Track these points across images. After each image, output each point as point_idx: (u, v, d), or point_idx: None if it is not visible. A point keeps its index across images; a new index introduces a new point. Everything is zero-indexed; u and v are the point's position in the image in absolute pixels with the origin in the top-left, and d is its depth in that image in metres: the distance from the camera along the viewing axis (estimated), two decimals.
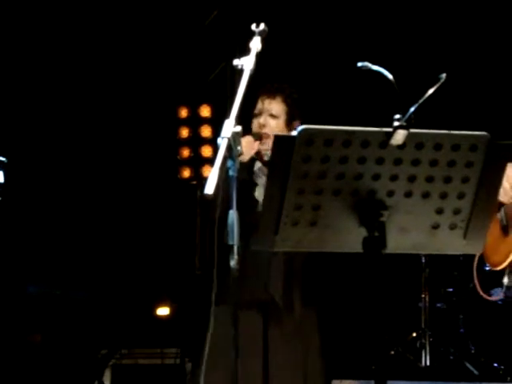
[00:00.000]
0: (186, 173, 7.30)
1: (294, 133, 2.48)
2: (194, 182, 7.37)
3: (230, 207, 2.69)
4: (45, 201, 7.26)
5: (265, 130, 3.69)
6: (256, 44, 2.85)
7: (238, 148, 2.70)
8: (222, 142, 2.66)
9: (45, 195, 7.26)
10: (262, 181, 3.65)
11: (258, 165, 3.71)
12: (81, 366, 6.32)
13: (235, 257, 2.64)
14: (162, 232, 7.36)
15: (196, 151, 7.25)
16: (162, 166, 7.43)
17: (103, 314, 6.62)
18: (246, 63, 2.81)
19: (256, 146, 3.64)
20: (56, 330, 6.42)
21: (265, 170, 3.65)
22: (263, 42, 2.85)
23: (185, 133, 7.30)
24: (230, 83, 7.15)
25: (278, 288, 3.59)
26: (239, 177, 3.36)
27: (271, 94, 3.73)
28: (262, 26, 2.87)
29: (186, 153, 7.29)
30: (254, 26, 2.88)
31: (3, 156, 8.22)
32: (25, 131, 7.38)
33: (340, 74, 5.96)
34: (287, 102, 3.74)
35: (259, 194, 3.63)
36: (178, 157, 7.30)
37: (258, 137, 3.67)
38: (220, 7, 7.17)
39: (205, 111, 7.27)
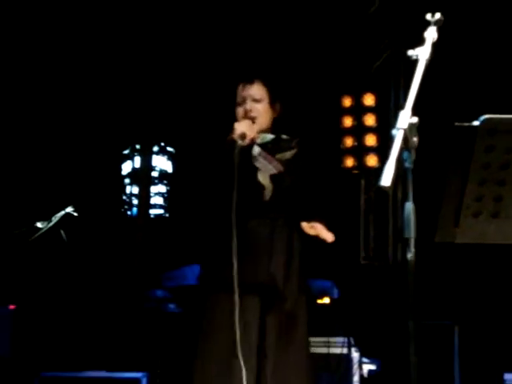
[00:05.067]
0: (350, 162, 7.28)
1: (476, 122, 2.44)
2: (357, 171, 7.36)
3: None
4: None
5: (252, 115, 3.68)
6: (431, 34, 2.81)
7: (415, 139, 2.68)
8: (398, 133, 2.64)
9: None
10: (262, 165, 3.62)
11: (256, 149, 3.64)
12: None
13: (412, 249, 2.61)
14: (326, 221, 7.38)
15: (360, 140, 7.22)
16: (326, 155, 7.45)
17: None
18: (422, 53, 2.78)
19: (255, 129, 3.61)
20: None
21: (264, 153, 3.62)
22: (439, 31, 2.81)
23: (348, 122, 7.28)
24: (394, 72, 7.10)
25: (280, 271, 3.55)
26: (240, 162, 3.40)
27: (249, 80, 3.75)
28: (438, 15, 2.82)
29: (349, 142, 7.27)
30: (429, 16, 2.84)
31: (171, 147, 8.51)
32: (192, 122, 7.61)
33: None
34: (266, 83, 3.75)
35: (263, 178, 3.62)
36: (342, 146, 7.30)
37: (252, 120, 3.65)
38: None
39: (369, 100, 7.22)
